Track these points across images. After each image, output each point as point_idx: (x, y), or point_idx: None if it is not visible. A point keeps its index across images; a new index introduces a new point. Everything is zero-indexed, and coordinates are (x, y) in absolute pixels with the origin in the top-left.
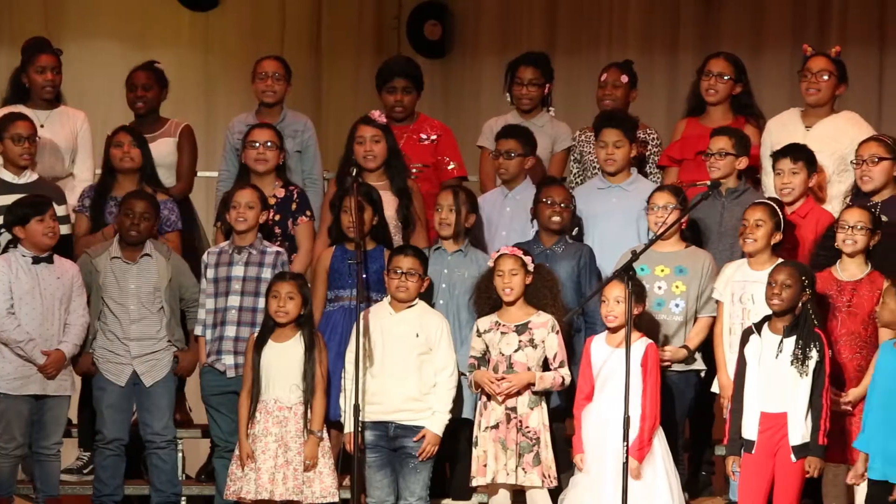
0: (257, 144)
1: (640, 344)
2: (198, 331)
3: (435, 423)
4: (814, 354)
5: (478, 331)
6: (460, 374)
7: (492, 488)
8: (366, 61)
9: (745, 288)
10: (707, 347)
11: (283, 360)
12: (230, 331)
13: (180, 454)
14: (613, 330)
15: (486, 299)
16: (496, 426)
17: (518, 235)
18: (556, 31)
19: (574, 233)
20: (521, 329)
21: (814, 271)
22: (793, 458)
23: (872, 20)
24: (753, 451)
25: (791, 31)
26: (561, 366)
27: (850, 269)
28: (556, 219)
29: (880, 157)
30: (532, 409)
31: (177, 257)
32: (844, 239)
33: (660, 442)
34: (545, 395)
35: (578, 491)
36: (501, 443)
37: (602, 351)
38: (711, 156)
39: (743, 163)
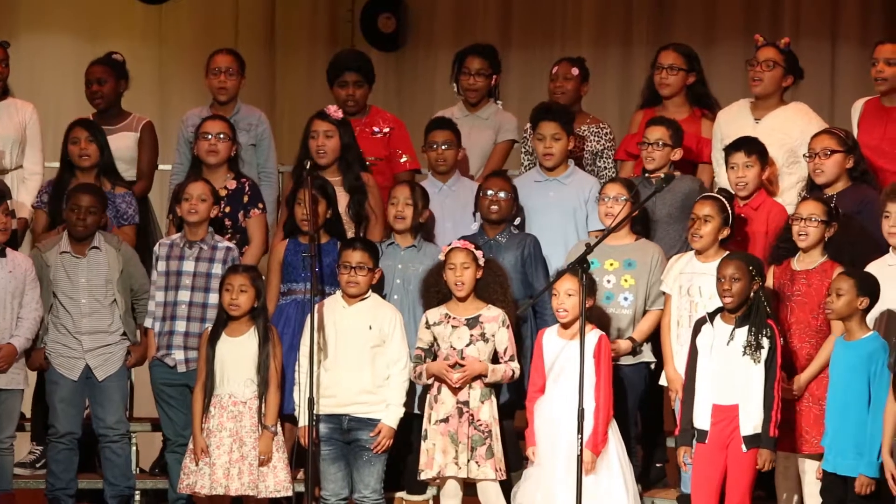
0: (209, 136)
1: (593, 335)
2: (147, 323)
3: (389, 415)
4: (766, 344)
5: (426, 322)
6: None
7: (441, 481)
8: (320, 54)
9: (693, 280)
10: (656, 339)
11: (238, 354)
12: (180, 325)
13: (134, 448)
14: (565, 324)
15: (434, 293)
16: (446, 420)
17: (459, 227)
18: (510, 24)
19: (517, 222)
20: (473, 323)
21: (773, 264)
22: (744, 448)
23: (825, 12)
24: (706, 442)
25: (744, 24)
26: (511, 360)
27: (806, 260)
28: (494, 208)
29: (832, 150)
30: (483, 402)
31: (127, 248)
32: (798, 231)
33: (613, 434)
34: (496, 388)
35: (531, 484)
36: (451, 436)
37: (554, 344)
38: (649, 145)
39: (678, 154)
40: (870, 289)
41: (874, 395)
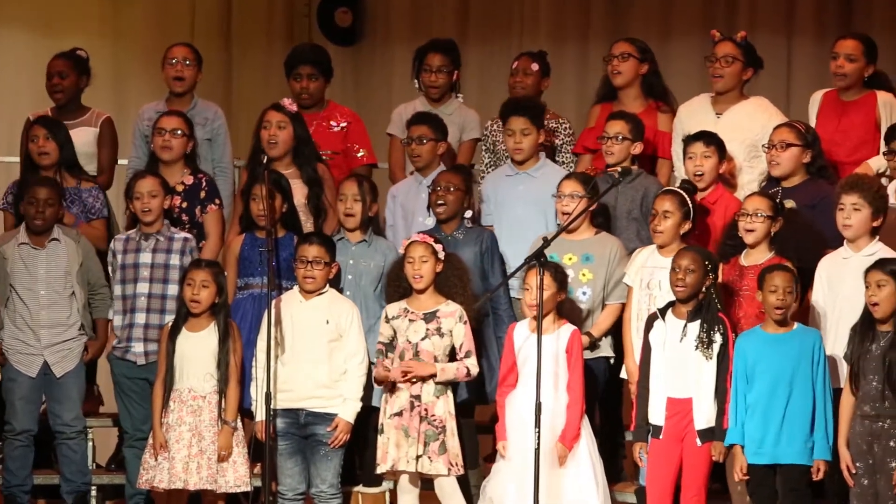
0: (164, 132)
1: (565, 330)
2: (109, 314)
3: (346, 410)
4: (717, 338)
5: (386, 317)
6: (371, 362)
7: (393, 475)
8: (276, 49)
9: (654, 274)
10: (617, 334)
11: (198, 349)
12: (140, 318)
13: (90, 443)
14: (537, 317)
15: (395, 287)
16: (399, 413)
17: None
18: (467, 19)
19: (468, 216)
20: (430, 317)
21: (721, 261)
22: (698, 442)
23: (780, 7)
24: (661, 437)
25: (700, 19)
26: (467, 356)
27: (753, 255)
28: (441, 203)
29: (789, 143)
30: (438, 397)
31: (86, 241)
32: (745, 227)
33: (585, 429)
34: (453, 385)
35: (501, 478)
36: (404, 430)
37: (524, 337)
38: (608, 140)
39: (638, 147)
40: (799, 281)
41: (816, 383)
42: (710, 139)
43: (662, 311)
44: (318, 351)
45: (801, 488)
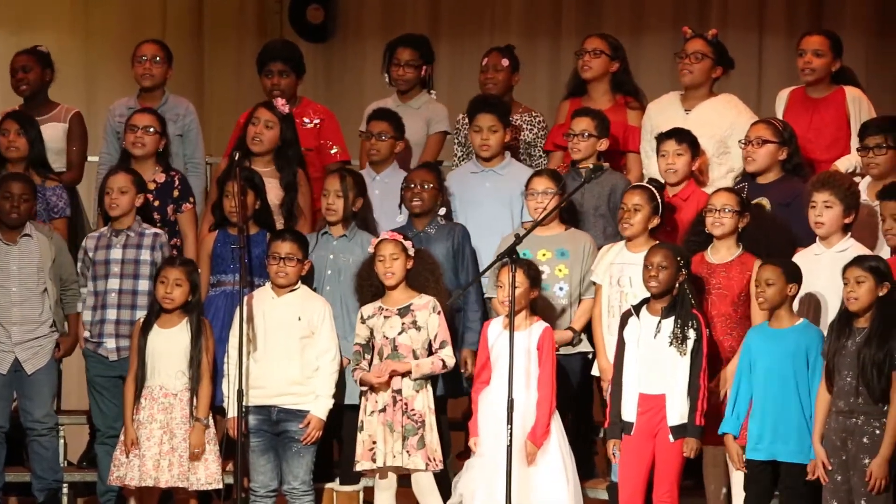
0: (137, 129)
1: (537, 327)
2: (78, 307)
3: (318, 407)
4: (692, 334)
5: (362, 317)
6: (347, 360)
7: (381, 472)
8: (248, 46)
9: (623, 270)
10: (590, 330)
11: (170, 346)
12: (111, 314)
13: (62, 441)
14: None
15: (368, 286)
16: (383, 409)
17: (387, 218)
18: (439, 15)
19: (443, 213)
20: (404, 312)
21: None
22: (671, 438)
23: (752, 4)
24: (633, 433)
25: (672, 16)
26: (442, 346)
27: (721, 252)
28: (416, 201)
29: (765, 140)
30: (417, 391)
31: (59, 237)
32: (713, 222)
33: (556, 426)
34: (432, 379)
35: (473, 474)
36: (389, 425)
37: (498, 335)
38: (574, 136)
39: (604, 144)
40: (796, 275)
41: (813, 381)
42: (683, 137)
43: (637, 308)
44: (291, 348)
45: (798, 487)
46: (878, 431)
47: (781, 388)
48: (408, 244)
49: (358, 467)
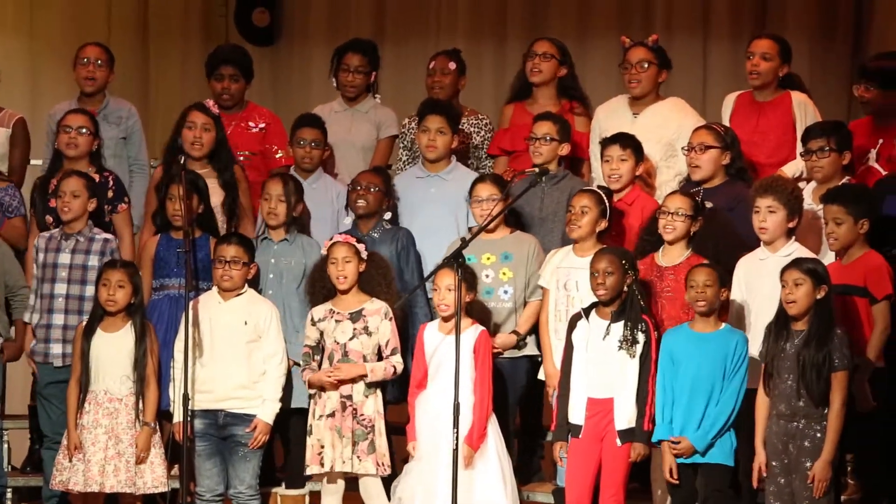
0: (70, 129)
1: (473, 331)
2: (26, 317)
3: (265, 411)
4: (641, 338)
5: (312, 320)
6: (294, 363)
7: (329, 476)
8: (194, 48)
9: (570, 275)
10: (539, 333)
11: (113, 350)
12: (58, 319)
13: (6, 445)
14: (445, 318)
15: (320, 288)
16: (332, 414)
17: (320, 223)
18: (384, 19)
19: (388, 217)
20: (356, 316)
21: (638, 258)
22: (618, 442)
23: (696, 8)
24: (580, 436)
25: (617, 20)
26: (393, 353)
27: (671, 255)
28: (361, 203)
29: (708, 146)
30: (367, 396)
31: (2, 243)
32: (665, 225)
33: (493, 429)
34: (382, 384)
35: (411, 479)
36: (338, 431)
37: (434, 338)
38: (536, 140)
39: (565, 149)
40: (727, 280)
41: (729, 384)
42: (627, 142)
43: (587, 311)
44: (237, 352)
45: (723, 489)
46: (819, 434)
47: (705, 392)
48: (360, 247)
49: (308, 471)
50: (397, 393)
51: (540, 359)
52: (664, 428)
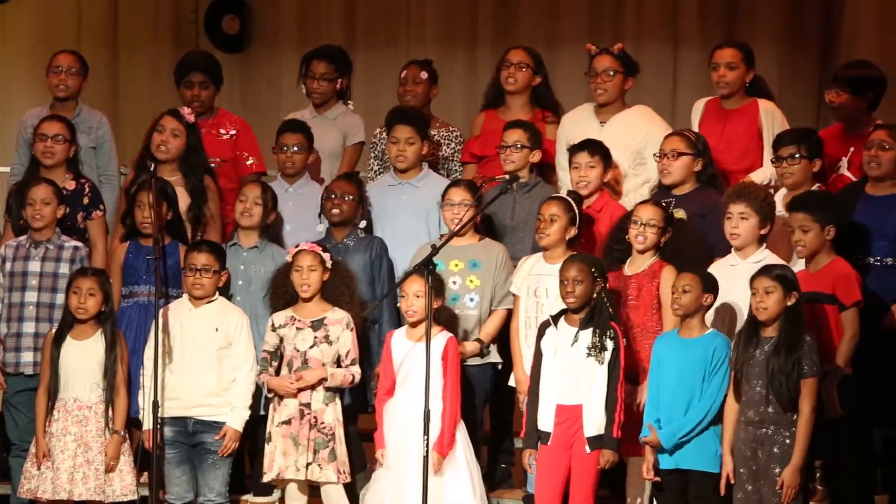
0: (46, 138)
1: (441, 338)
2: None
3: (235, 418)
4: (609, 345)
5: (272, 325)
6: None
7: (281, 484)
8: (163, 56)
9: (540, 282)
10: (504, 341)
11: (83, 358)
12: (28, 327)
13: None
14: (413, 324)
15: (282, 294)
16: (288, 422)
17: (303, 229)
18: (355, 27)
19: (363, 225)
20: (317, 325)
21: (610, 268)
22: (588, 449)
23: (666, 15)
24: (549, 443)
25: (587, 28)
26: (353, 363)
27: (635, 263)
28: (336, 211)
29: (680, 153)
30: (327, 405)
31: None
32: (636, 235)
33: (461, 435)
34: (339, 391)
35: (380, 486)
36: (293, 438)
37: (402, 345)
38: (507, 148)
39: (536, 156)
40: (713, 287)
41: (707, 387)
42: (595, 149)
43: (555, 318)
44: (207, 359)
45: (706, 496)
46: (788, 441)
47: (685, 397)
48: (326, 256)
49: (265, 478)
50: (354, 401)
51: (501, 366)
52: (647, 430)
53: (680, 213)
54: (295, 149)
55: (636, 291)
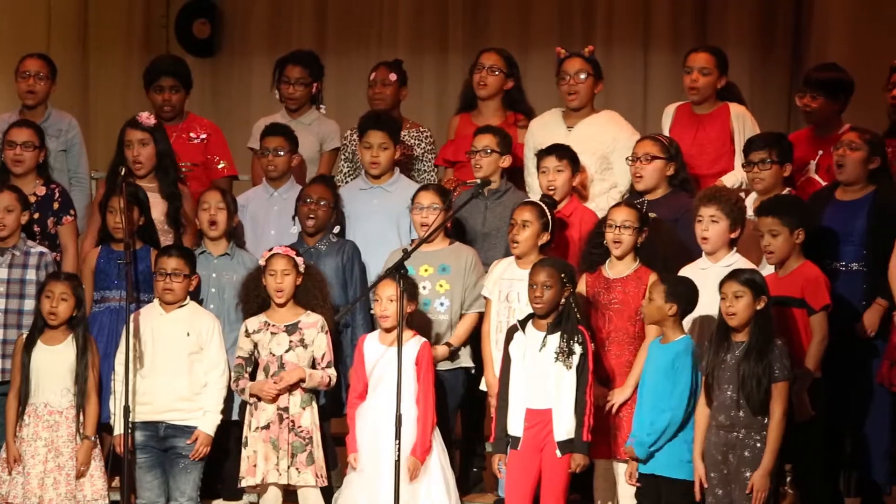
0: (15, 145)
1: (415, 342)
2: None
3: (206, 422)
4: (577, 349)
5: (246, 331)
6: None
7: (262, 488)
8: (134, 59)
9: (512, 286)
10: (477, 345)
11: (54, 363)
12: None
13: None
14: (387, 329)
15: (254, 298)
16: (267, 426)
17: (288, 234)
18: (325, 30)
19: (336, 230)
20: (292, 329)
21: (585, 270)
22: (558, 453)
23: (637, 19)
24: (519, 448)
25: (558, 32)
26: (328, 366)
27: (618, 267)
28: (311, 219)
29: (653, 156)
30: (304, 408)
31: None
32: (613, 238)
33: (436, 440)
34: (315, 394)
35: (353, 490)
36: (273, 443)
37: (375, 349)
38: (476, 153)
39: (506, 161)
40: (680, 294)
41: (671, 393)
42: (563, 153)
43: (523, 323)
44: (179, 363)
45: (678, 502)
46: (758, 444)
47: (654, 403)
48: (299, 261)
49: (242, 483)
50: (330, 400)
51: (473, 370)
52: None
53: (653, 215)
54: (279, 153)
55: (621, 295)
